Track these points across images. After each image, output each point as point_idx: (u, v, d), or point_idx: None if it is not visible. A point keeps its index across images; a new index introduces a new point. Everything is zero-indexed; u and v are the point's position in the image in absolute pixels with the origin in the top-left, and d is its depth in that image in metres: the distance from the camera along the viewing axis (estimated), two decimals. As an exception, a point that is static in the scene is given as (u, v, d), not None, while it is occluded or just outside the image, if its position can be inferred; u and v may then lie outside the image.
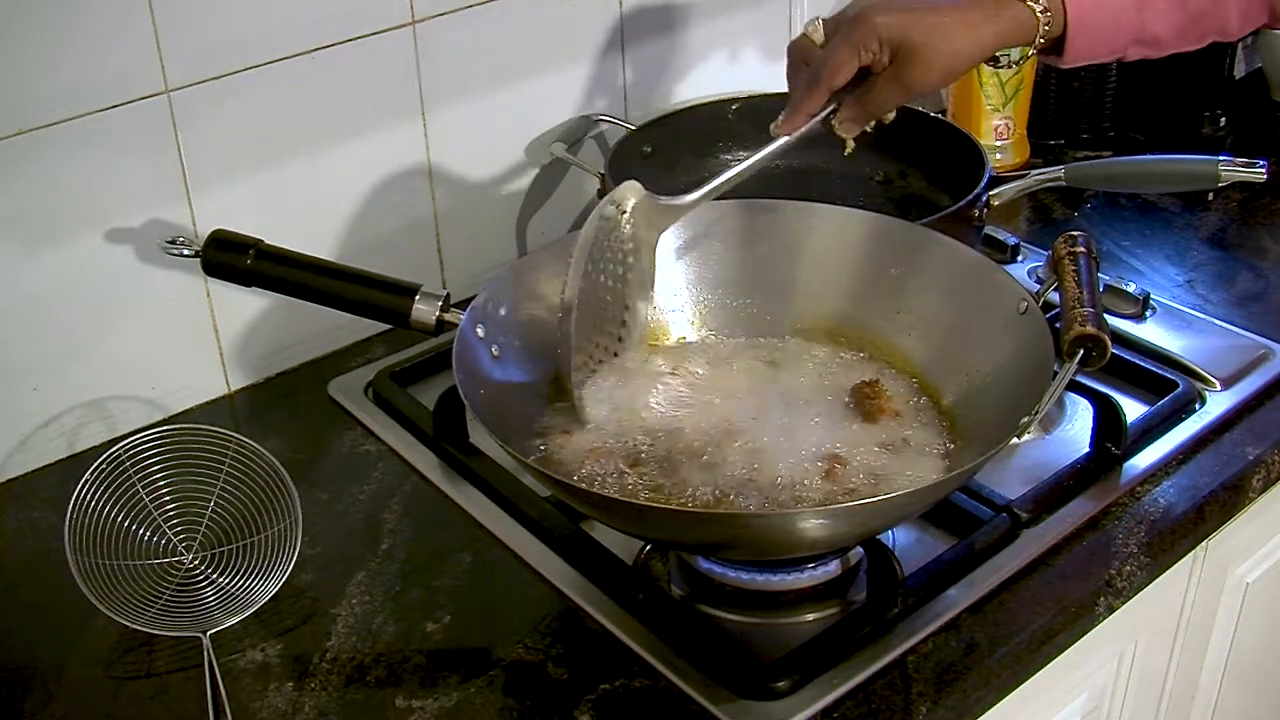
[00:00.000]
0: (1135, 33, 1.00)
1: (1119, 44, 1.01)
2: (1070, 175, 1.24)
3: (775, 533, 0.84)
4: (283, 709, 0.86)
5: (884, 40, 0.94)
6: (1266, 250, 1.35)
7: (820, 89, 0.96)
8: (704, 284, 1.09)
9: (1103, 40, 1.00)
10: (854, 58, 0.95)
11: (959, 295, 1.01)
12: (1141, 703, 1.17)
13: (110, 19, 1.02)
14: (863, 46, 0.94)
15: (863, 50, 0.94)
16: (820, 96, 0.97)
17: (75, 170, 1.04)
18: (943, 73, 0.96)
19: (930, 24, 0.94)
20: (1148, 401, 1.11)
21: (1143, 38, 1.00)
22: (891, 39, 0.94)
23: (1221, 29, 1.03)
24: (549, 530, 0.99)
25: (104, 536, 0.92)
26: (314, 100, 1.15)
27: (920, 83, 0.95)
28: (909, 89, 0.96)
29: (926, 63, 0.94)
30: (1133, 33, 1.00)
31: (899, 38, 0.94)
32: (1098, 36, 0.99)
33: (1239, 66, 1.65)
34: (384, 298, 1.01)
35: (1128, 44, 1.01)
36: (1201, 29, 1.02)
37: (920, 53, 0.94)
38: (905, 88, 0.96)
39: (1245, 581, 1.22)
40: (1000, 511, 0.98)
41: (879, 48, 0.94)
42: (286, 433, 1.13)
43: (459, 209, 1.29)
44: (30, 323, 1.06)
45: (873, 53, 0.94)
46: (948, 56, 0.95)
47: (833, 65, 0.95)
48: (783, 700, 0.84)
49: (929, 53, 0.94)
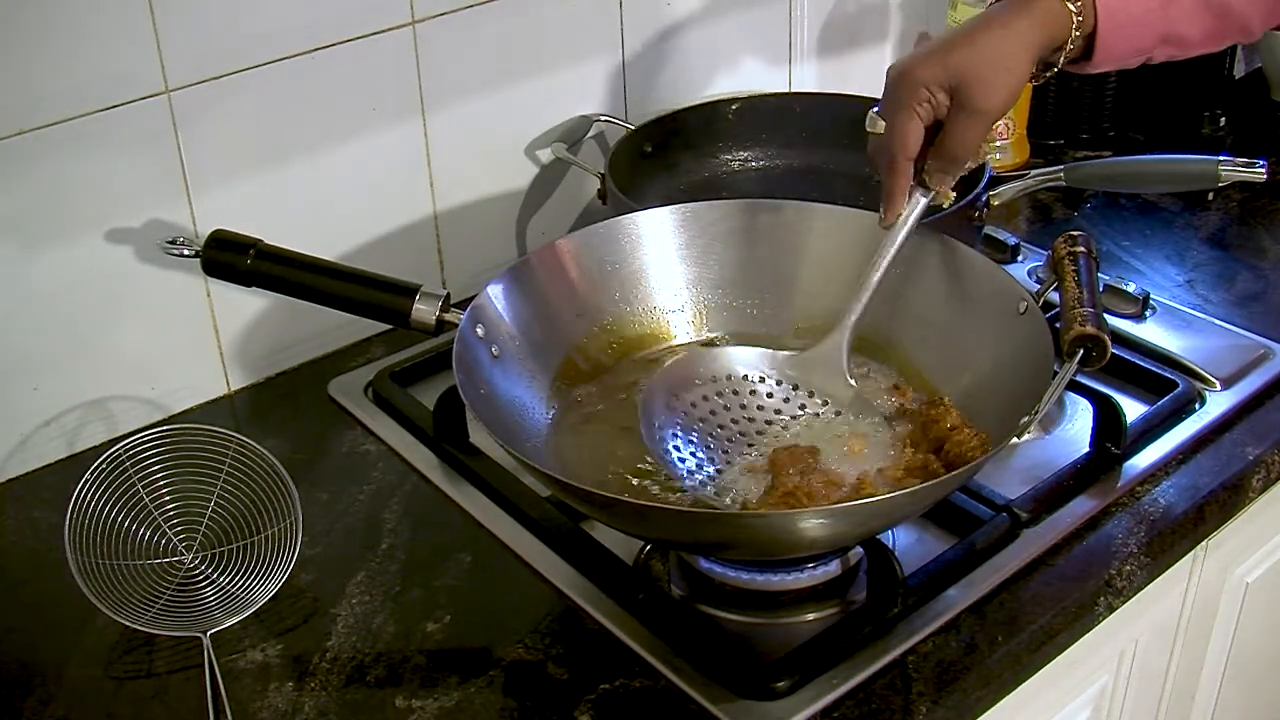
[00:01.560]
0: (1163, 32, 0.98)
1: (1147, 43, 0.99)
2: (1070, 175, 1.24)
3: (775, 533, 0.84)
4: (283, 709, 0.86)
5: (932, 87, 0.92)
6: (1266, 250, 1.35)
7: (900, 164, 0.94)
8: (705, 284, 1.09)
9: (1132, 39, 0.98)
10: (913, 117, 0.93)
11: (959, 295, 1.01)
12: (1141, 703, 1.17)
13: (110, 19, 1.02)
14: (916, 103, 0.92)
15: (918, 106, 0.92)
16: (904, 172, 0.95)
17: (75, 170, 1.04)
18: (1006, 90, 0.93)
19: (970, 48, 0.92)
20: (1148, 401, 1.11)
21: (1170, 37, 0.99)
22: (940, 81, 0.92)
23: (1245, 29, 1.02)
24: (549, 530, 0.99)
25: (104, 536, 0.92)
26: (314, 100, 1.15)
27: (989, 105, 0.93)
28: (982, 117, 0.93)
29: (986, 84, 0.92)
30: (1160, 32, 0.98)
31: (945, 77, 0.92)
32: (1127, 34, 0.97)
33: (1239, 66, 1.65)
34: (384, 298, 1.01)
35: (1155, 43, 0.99)
36: (1225, 29, 1.01)
37: (977, 82, 0.92)
38: (977, 117, 0.93)
39: (1245, 581, 1.22)
40: (1000, 511, 0.98)
41: (931, 95, 0.92)
42: (286, 433, 1.13)
43: (459, 209, 1.29)
44: (30, 322, 1.06)
45: (929, 103, 0.92)
46: (1004, 73, 0.93)
47: (899, 137, 0.93)
48: (783, 700, 0.84)
49: (988, 76, 0.92)
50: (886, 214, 0.97)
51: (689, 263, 1.09)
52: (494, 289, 1.00)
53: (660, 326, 1.08)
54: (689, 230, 1.08)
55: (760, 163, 1.40)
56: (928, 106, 0.93)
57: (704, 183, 1.38)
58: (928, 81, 0.92)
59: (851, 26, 1.56)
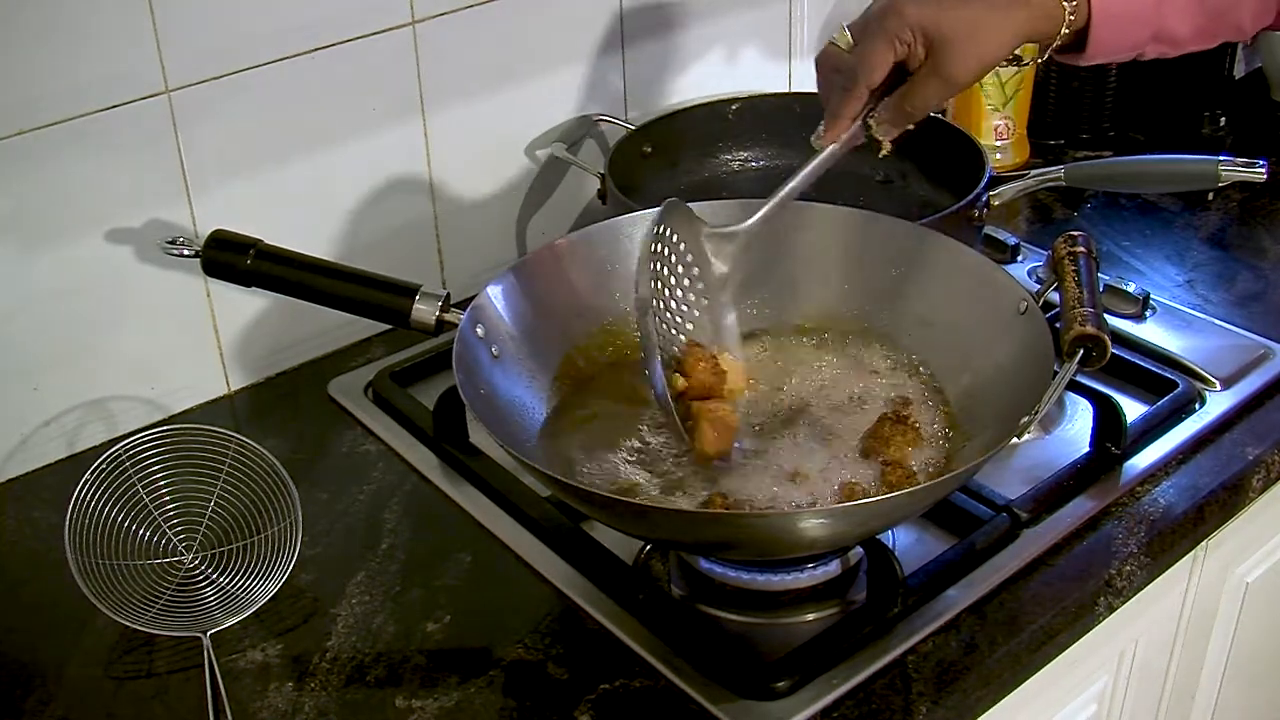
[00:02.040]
0: (1155, 28, 0.99)
1: (1140, 39, 0.99)
2: (1070, 175, 1.24)
3: (775, 533, 0.84)
4: (283, 709, 0.86)
5: (917, 30, 0.91)
6: (1266, 250, 1.35)
7: (859, 89, 0.93)
8: (704, 284, 1.09)
9: (1124, 34, 0.98)
10: (889, 51, 0.92)
11: (959, 295, 1.01)
12: (1141, 703, 1.17)
13: (110, 19, 1.02)
14: (897, 38, 0.91)
15: (898, 43, 0.92)
16: (860, 98, 0.94)
17: (75, 170, 1.04)
18: (979, 63, 0.93)
19: (963, 13, 0.92)
20: (1148, 401, 1.11)
21: (1161, 34, 0.99)
22: (925, 29, 0.91)
23: (1236, 27, 1.02)
24: (549, 530, 0.99)
25: (104, 536, 0.92)
26: (314, 100, 1.15)
27: (960, 74, 0.93)
28: (949, 82, 0.93)
29: (964, 53, 0.92)
30: (1152, 28, 0.99)
31: (933, 27, 0.91)
32: (1119, 30, 0.97)
33: (1239, 66, 1.65)
34: (384, 298, 1.01)
35: (1147, 40, 0.99)
36: (1217, 27, 1.01)
37: (957, 43, 0.91)
38: (944, 81, 0.93)
39: (1245, 581, 1.22)
40: (1000, 511, 0.98)
41: (913, 39, 0.91)
42: (286, 433, 1.13)
43: (459, 209, 1.29)
44: (30, 323, 1.06)
45: (907, 44, 0.92)
46: (984, 46, 0.92)
47: (869, 62, 0.92)
48: (783, 700, 0.84)
49: (966, 42, 0.92)
50: (828, 132, 0.95)
51: (689, 262, 1.09)
52: (494, 289, 1.00)
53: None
54: (689, 230, 1.08)
55: (760, 163, 1.40)
56: (905, 47, 0.92)
57: (704, 183, 1.38)
58: (915, 25, 0.91)
59: (851, 26, 1.56)
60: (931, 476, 0.92)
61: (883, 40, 0.92)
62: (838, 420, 0.98)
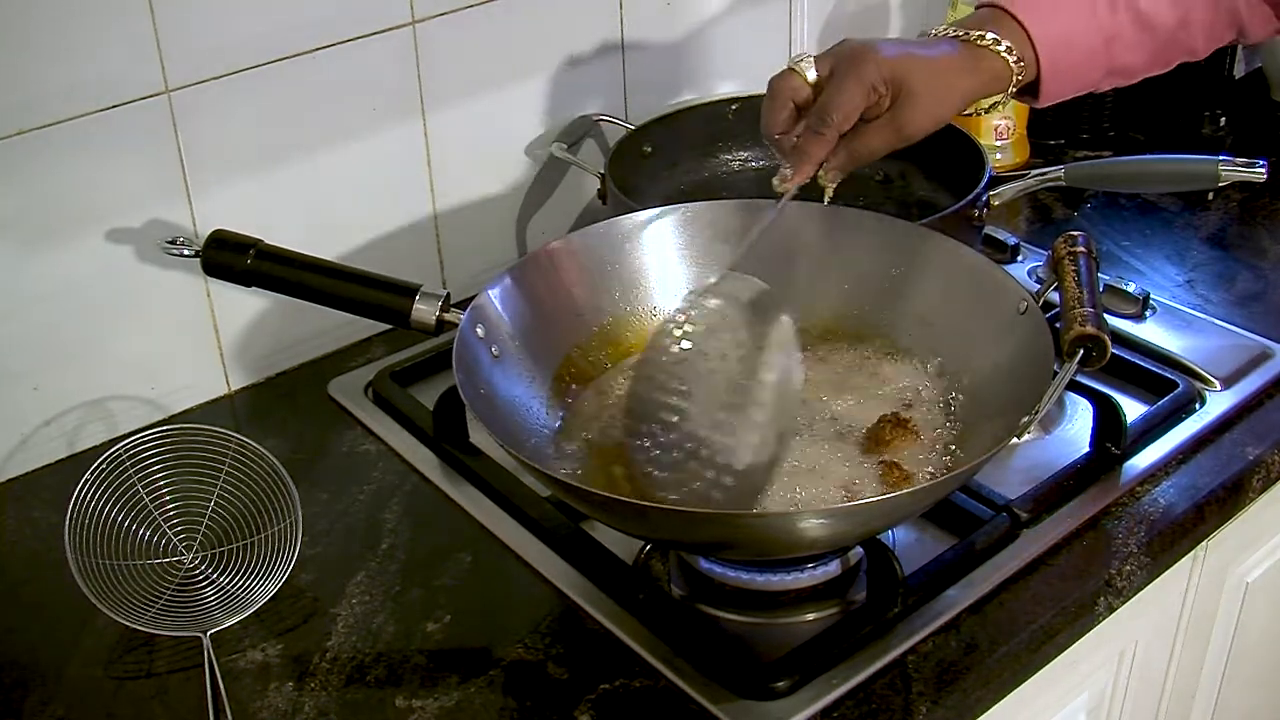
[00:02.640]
0: (1106, 67, 1.01)
1: (1092, 79, 1.02)
2: (1070, 175, 1.24)
3: (775, 533, 0.84)
4: (283, 709, 0.86)
5: (889, 81, 0.92)
6: (1266, 250, 1.35)
7: (830, 133, 0.92)
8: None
9: (1075, 79, 1.00)
10: (864, 99, 0.91)
11: (959, 295, 1.01)
12: (1141, 703, 1.17)
13: (111, 19, 1.02)
14: (873, 87, 0.91)
15: (872, 91, 0.91)
16: (830, 142, 0.92)
17: (75, 170, 1.04)
18: (934, 119, 0.94)
19: (925, 67, 0.93)
20: (1148, 401, 1.11)
21: (1114, 69, 1.02)
22: (895, 79, 0.92)
23: (1189, 50, 1.04)
24: (549, 530, 0.99)
25: (104, 536, 0.92)
26: (314, 100, 1.15)
27: (914, 128, 0.93)
28: (900, 134, 0.94)
29: (923, 107, 0.93)
30: (1104, 68, 1.01)
31: (902, 79, 0.92)
32: (1070, 76, 1.00)
33: (1239, 66, 1.65)
34: (384, 298, 1.01)
35: (1101, 78, 1.02)
36: (1170, 53, 1.03)
37: (918, 96, 0.92)
38: (897, 132, 0.93)
39: (1245, 581, 1.22)
40: (1000, 511, 0.98)
41: (885, 89, 0.92)
42: (286, 433, 1.13)
43: (459, 209, 1.29)
44: (30, 323, 1.06)
45: (880, 94, 0.92)
46: (939, 102, 0.94)
47: (845, 109, 0.91)
48: (783, 700, 0.84)
49: (926, 98, 0.93)
50: (796, 175, 0.94)
51: (689, 263, 1.09)
52: (494, 289, 1.00)
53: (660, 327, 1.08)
54: (689, 230, 1.08)
55: (760, 163, 1.40)
56: (876, 94, 0.92)
57: (704, 183, 1.38)
58: (888, 75, 0.92)
59: (851, 26, 1.56)
60: (931, 476, 0.92)
61: (859, 86, 0.91)
62: (838, 420, 0.98)
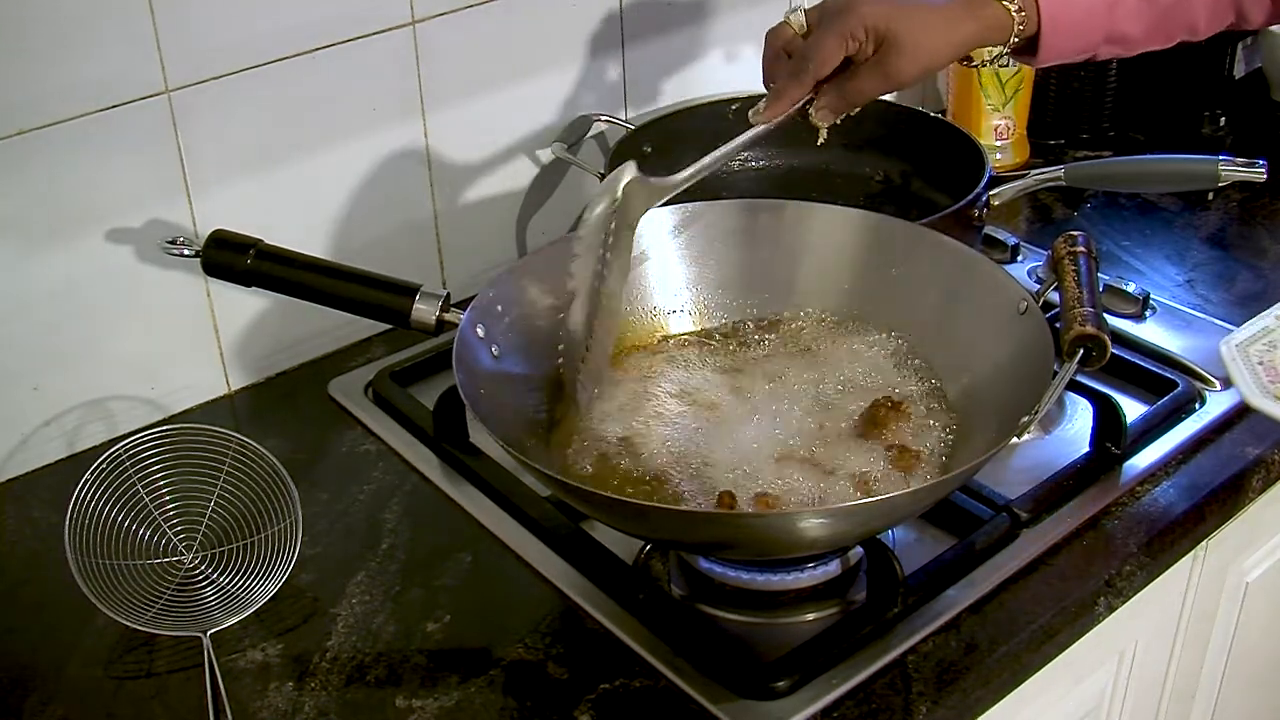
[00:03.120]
0: (1106, 31, 1.02)
1: (1091, 42, 1.02)
2: (1070, 175, 1.24)
3: (775, 533, 0.84)
4: (283, 709, 0.86)
5: (870, 29, 0.95)
6: (1266, 250, 1.35)
7: (806, 78, 0.97)
8: (704, 284, 1.09)
9: (1075, 38, 1.02)
10: (841, 47, 0.96)
11: (959, 295, 1.01)
12: (1141, 703, 1.17)
13: (110, 19, 1.02)
14: (850, 36, 0.96)
15: (850, 40, 0.96)
16: (806, 85, 0.98)
17: (75, 170, 1.04)
18: (923, 66, 0.97)
19: (915, 17, 0.96)
20: (1148, 401, 1.11)
21: (1113, 36, 1.02)
22: (878, 29, 0.95)
23: (1190, 27, 1.04)
24: (549, 530, 0.99)
25: (104, 536, 0.92)
26: (314, 100, 1.15)
27: (902, 74, 0.96)
28: (890, 79, 0.97)
29: (910, 55, 0.96)
30: (1104, 31, 1.02)
31: (885, 28, 0.95)
32: (1070, 34, 1.01)
33: (1239, 66, 1.65)
34: (384, 298, 1.01)
35: (1099, 43, 1.03)
36: (1170, 27, 1.04)
37: (904, 44, 0.95)
38: (886, 77, 0.97)
39: (1245, 581, 1.22)
40: (1000, 511, 0.98)
41: (865, 36, 0.95)
42: (286, 433, 1.13)
43: (459, 209, 1.29)
44: (30, 323, 1.06)
45: (859, 42, 0.96)
46: (929, 51, 0.97)
47: (821, 55, 0.96)
48: (783, 700, 0.84)
49: (912, 45, 0.96)
50: (767, 110, 1.00)
51: (689, 263, 1.09)
52: (494, 289, 1.00)
53: (660, 326, 1.08)
54: (689, 230, 1.08)
55: (760, 162, 1.40)
56: (856, 44, 0.96)
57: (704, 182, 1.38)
58: (869, 25, 0.95)
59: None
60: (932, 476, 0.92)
61: (836, 36, 0.96)
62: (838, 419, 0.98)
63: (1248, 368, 0.95)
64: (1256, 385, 0.94)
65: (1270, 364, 0.96)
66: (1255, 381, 0.94)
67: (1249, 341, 0.98)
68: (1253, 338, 0.99)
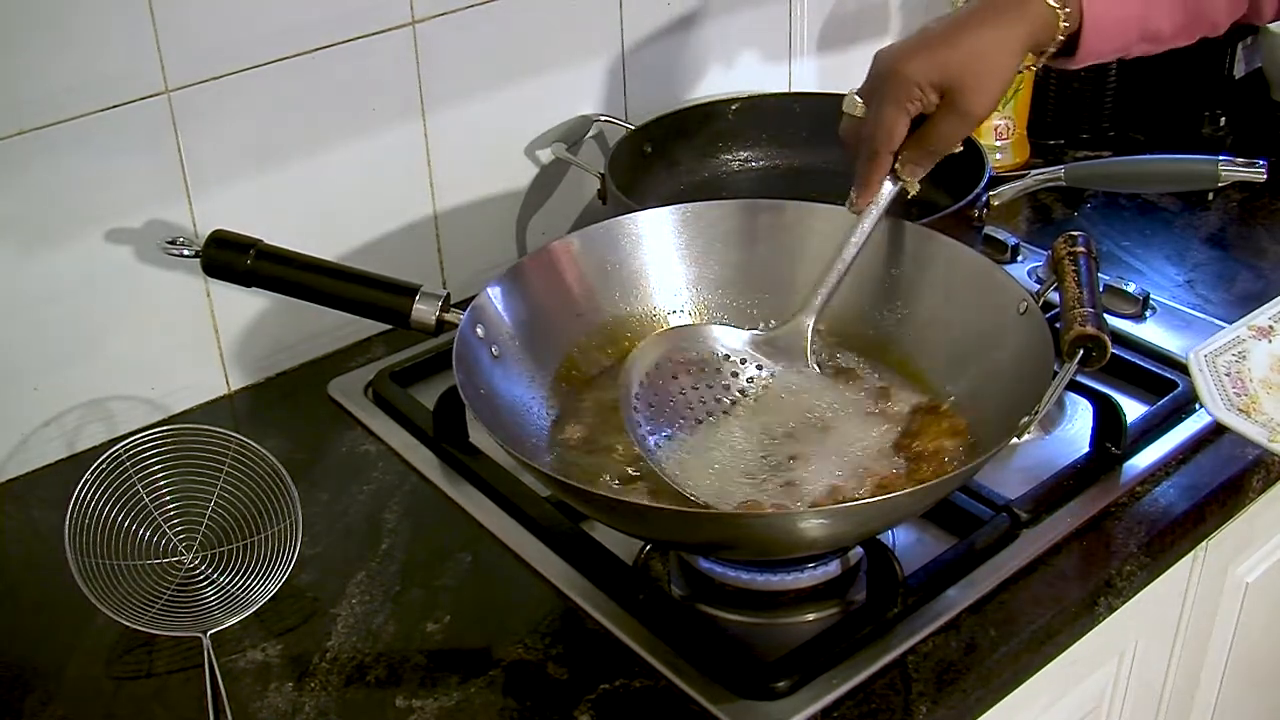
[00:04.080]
0: (1142, 29, 1.00)
1: (1128, 40, 1.00)
2: (1070, 175, 1.24)
3: (775, 533, 0.84)
4: (283, 709, 0.86)
5: (924, 85, 0.93)
6: (1266, 250, 1.35)
7: (881, 157, 0.95)
8: (705, 284, 1.09)
9: (1114, 37, 0.99)
10: (902, 114, 0.94)
11: (959, 295, 1.01)
12: (1141, 702, 1.17)
13: (110, 19, 1.02)
14: (907, 100, 0.93)
15: (909, 104, 0.93)
16: (884, 163, 0.96)
17: (75, 170, 1.04)
18: (997, 92, 0.94)
19: (964, 46, 0.93)
20: (1148, 401, 1.11)
21: (1148, 34, 1.01)
22: (933, 81, 0.93)
23: (1212, 24, 1.04)
24: (549, 530, 0.99)
25: (104, 536, 0.92)
26: (314, 100, 1.15)
27: (980, 109, 0.94)
28: (969, 119, 0.94)
29: (977, 87, 0.93)
30: (1140, 29, 1.00)
31: (941, 77, 0.92)
32: (1110, 33, 0.98)
33: (1239, 66, 1.65)
34: (384, 298, 1.01)
35: (1135, 41, 1.01)
36: (1196, 24, 1.03)
37: (967, 81, 0.92)
38: (964, 119, 0.94)
39: (1245, 581, 1.22)
40: (1000, 511, 0.98)
41: (922, 94, 0.93)
42: (286, 433, 1.13)
43: (459, 209, 1.29)
44: (30, 323, 1.06)
45: (919, 101, 0.93)
46: (995, 72, 0.94)
47: (885, 129, 0.94)
48: (783, 700, 0.84)
49: (975, 78, 0.93)
50: (859, 200, 0.98)
51: (689, 263, 1.09)
52: (494, 289, 1.00)
53: (660, 326, 1.08)
54: (689, 230, 1.08)
55: (760, 163, 1.40)
56: (917, 104, 0.93)
57: (704, 183, 1.38)
58: (920, 80, 0.92)
59: (851, 26, 1.56)
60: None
61: (892, 106, 0.93)
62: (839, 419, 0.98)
63: (1214, 379, 0.94)
64: (1221, 398, 0.93)
65: (1237, 376, 0.95)
66: (1220, 394, 0.93)
67: (1218, 353, 0.97)
68: (1222, 349, 0.97)
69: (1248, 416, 0.92)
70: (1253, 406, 0.92)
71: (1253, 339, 0.98)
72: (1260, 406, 0.93)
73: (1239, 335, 0.99)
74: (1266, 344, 0.98)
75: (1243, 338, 0.99)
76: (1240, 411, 0.92)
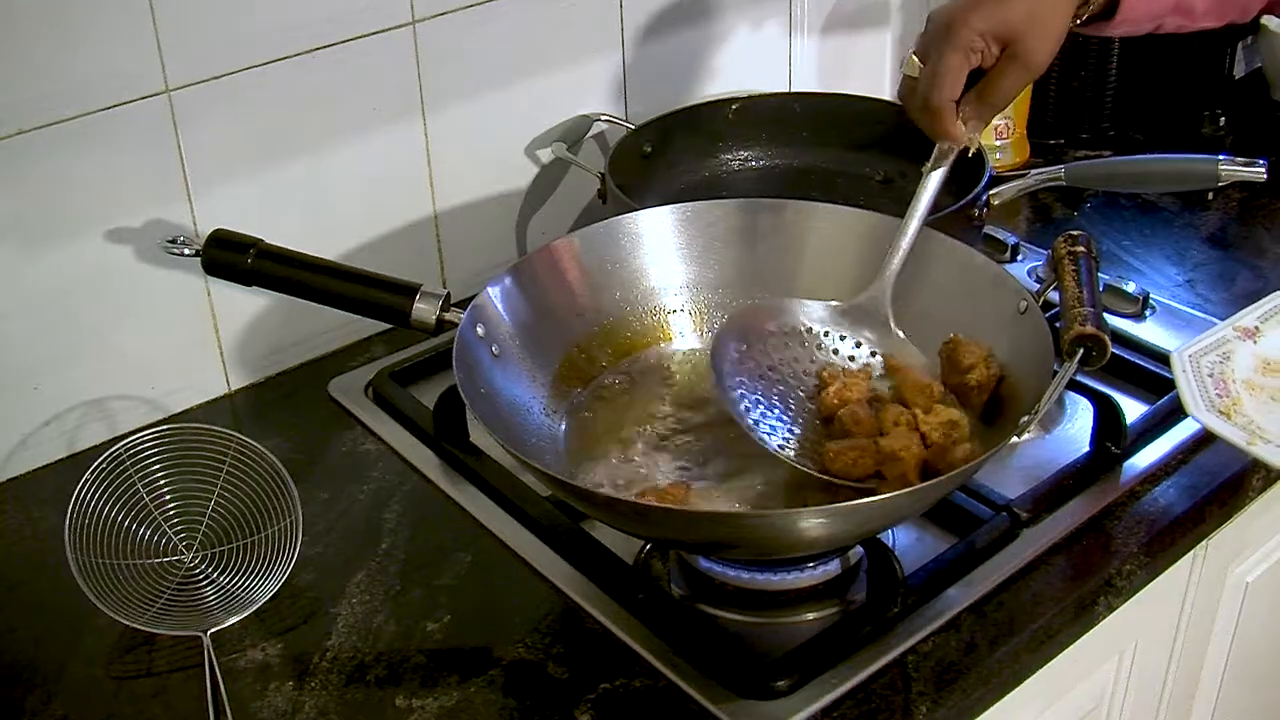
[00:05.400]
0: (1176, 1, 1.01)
1: (1163, 9, 1.01)
2: (1070, 175, 1.24)
3: (775, 532, 0.84)
4: (283, 709, 0.86)
5: (987, 35, 0.94)
6: (1266, 250, 1.35)
7: (944, 105, 0.96)
8: (705, 284, 1.09)
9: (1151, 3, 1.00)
10: (964, 62, 0.95)
11: (959, 295, 1.01)
12: (1141, 703, 1.17)
13: (110, 19, 1.02)
14: (969, 49, 0.94)
15: (971, 54, 0.94)
16: (950, 111, 0.97)
17: (75, 170, 1.04)
18: (1054, 42, 0.95)
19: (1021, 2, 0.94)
20: (1148, 401, 1.11)
21: (1181, 6, 1.02)
22: (995, 32, 0.94)
23: (1243, 7, 1.04)
24: (549, 530, 0.99)
25: (104, 536, 0.92)
26: (314, 100, 1.15)
27: (1041, 55, 0.95)
28: (1031, 68, 0.95)
29: (1039, 36, 0.94)
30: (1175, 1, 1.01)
31: (1001, 28, 0.94)
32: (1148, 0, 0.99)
33: (1239, 66, 1.65)
34: (384, 297, 1.01)
35: (1169, 10, 1.02)
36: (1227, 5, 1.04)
37: (1029, 34, 0.93)
38: (1027, 68, 0.95)
39: (1245, 581, 1.22)
40: (1000, 511, 0.98)
41: (986, 45, 0.94)
42: (286, 432, 1.13)
43: (459, 208, 1.29)
44: (30, 323, 1.06)
45: (981, 52, 0.94)
46: (1051, 25, 0.95)
47: (947, 78, 0.95)
48: (783, 700, 0.84)
49: (1035, 27, 0.94)
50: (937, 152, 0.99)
51: (689, 263, 1.09)
52: (494, 289, 1.00)
53: (660, 326, 1.08)
54: (689, 230, 1.08)
55: (760, 163, 1.40)
56: (978, 55, 0.94)
57: (704, 183, 1.38)
58: (983, 30, 0.94)
59: (852, 26, 1.56)
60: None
61: (955, 54, 0.94)
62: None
63: (1196, 379, 0.94)
64: (1203, 398, 0.93)
65: (1220, 377, 0.94)
66: (1202, 394, 0.93)
67: (1202, 353, 0.97)
68: (1206, 349, 0.97)
69: (1228, 419, 0.91)
70: (1234, 408, 0.92)
71: (1238, 340, 0.98)
72: (1242, 408, 0.92)
73: (1224, 336, 0.99)
74: (1252, 345, 0.98)
75: (1228, 338, 0.98)
76: (1220, 413, 0.92)
